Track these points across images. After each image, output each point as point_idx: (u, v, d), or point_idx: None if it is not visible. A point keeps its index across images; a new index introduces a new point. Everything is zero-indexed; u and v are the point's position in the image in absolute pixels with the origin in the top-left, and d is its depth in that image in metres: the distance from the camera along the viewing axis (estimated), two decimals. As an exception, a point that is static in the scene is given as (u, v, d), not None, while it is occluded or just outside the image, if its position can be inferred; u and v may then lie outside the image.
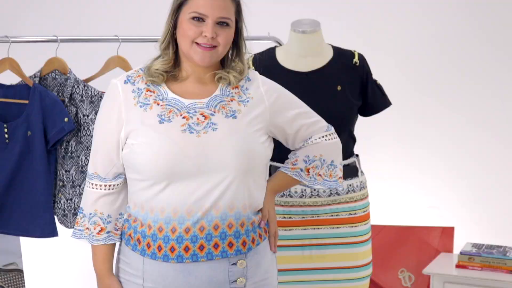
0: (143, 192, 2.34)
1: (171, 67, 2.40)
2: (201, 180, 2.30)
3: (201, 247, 2.32)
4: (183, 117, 2.34)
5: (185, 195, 2.30)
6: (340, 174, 2.58)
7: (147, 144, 2.31)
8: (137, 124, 2.34)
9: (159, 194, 2.31)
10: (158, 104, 2.36)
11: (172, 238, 2.31)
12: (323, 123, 2.56)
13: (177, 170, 2.29)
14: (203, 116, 2.35)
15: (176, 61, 2.41)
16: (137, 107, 2.36)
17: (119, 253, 2.48)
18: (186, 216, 2.30)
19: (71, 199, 3.24)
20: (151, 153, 2.29)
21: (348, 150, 3.04)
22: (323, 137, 2.54)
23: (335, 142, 2.56)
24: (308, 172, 2.53)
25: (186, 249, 2.32)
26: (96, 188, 2.44)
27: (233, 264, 2.36)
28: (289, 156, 2.56)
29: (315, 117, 2.55)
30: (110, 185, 2.43)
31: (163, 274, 2.34)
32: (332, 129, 2.57)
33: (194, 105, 2.37)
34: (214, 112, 2.36)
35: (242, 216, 2.35)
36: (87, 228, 2.45)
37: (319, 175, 2.54)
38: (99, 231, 2.44)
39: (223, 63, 2.44)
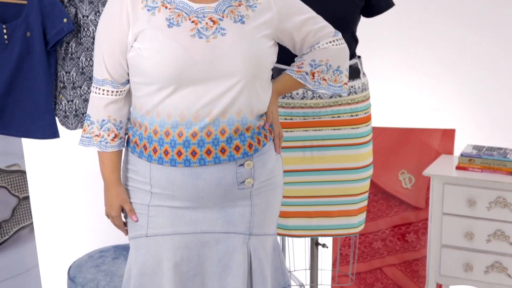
0: (149, 96, 2.33)
1: None
2: (209, 86, 2.29)
3: (208, 152, 2.33)
4: (192, 22, 2.31)
5: (193, 100, 2.30)
6: (346, 80, 2.57)
7: (155, 49, 2.28)
8: (144, 27, 2.31)
9: (166, 99, 2.30)
10: (166, 8, 2.32)
11: (179, 143, 2.32)
12: (330, 28, 2.53)
13: (185, 76, 2.27)
14: (212, 21, 2.32)
15: None
16: (145, 11, 2.32)
17: (125, 162, 2.49)
18: (193, 121, 2.30)
19: (72, 101, 3.23)
20: (159, 59, 2.27)
21: (350, 52, 3.01)
22: (330, 42, 2.52)
23: (343, 48, 2.55)
24: (313, 76, 2.52)
25: (193, 153, 2.33)
26: (107, 94, 2.41)
27: (241, 165, 2.38)
28: (295, 59, 2.55)
29: (322, 22, 2.52)
30: (120, 91, 2.42)
31: (170, 178, 2.35)
32: (340, 35, 2.55)
33: (203, 9, 2.33)
34: (223, 17, 2.33)
35: (248, 121, 2.37)
36: (96, 135, 2.44)
37: (324, 79, 2.53)
38: (114, 137, 2.44)
39: None
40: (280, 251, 2.61)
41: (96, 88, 2.42)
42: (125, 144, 2.47)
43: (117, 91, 2.41)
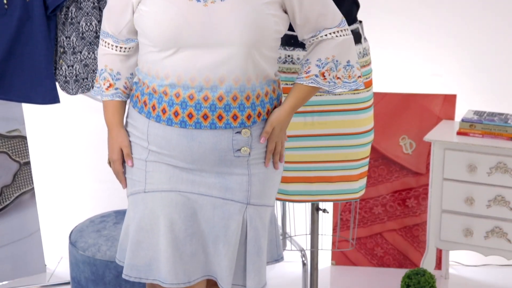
0: (150, 55, 2.37)
1: None
2: (207, 51, 2.29)
3: (205, 116, 2.33)
4: None
5: (190, 64, 2.31)
6: (359, 73, 2.51)
7: (153, 11, 2.32)
8: None
9: (164, 60, 2.33)
10: None
11: (176, 103, 2.33)
12: (338, 16, 2.45)
13: (181, 39, 2.29)
14: None
15: None
16: None
17: (127, 116, 2.52)
18: (190, 84, 2.31)
19: (72, 66, 3.23)
20: (157, 21, 2.31)
21: (351, 16, 2.99)
22: (334, 33, 2.44)
23: (348, 39, 2.47)
24: (324, 76, 2.45)
25: (190, 115, 2.34)
26: (108, 47, 2.49)
27: (237, 132, 2.38)
28: (301, 65, 2.49)
29: (331, 6, 2.43)
30: (122, 47, 2.48)
31: (166, 137, 2.37)
32: (345, 24, 2.47)
33: None
34: None
35: (247, 89, 2.35)
36: (97, 82, 2.55)
37: (338, 78, 2.47)
38: (108, 87, 2.50)
39: None
40: (276, 223, 2.60)
41: (101, 39, 2.51)
42: (129, 98, 2.51)
43: (117, 46, 2.48)
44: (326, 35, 2.43)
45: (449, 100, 3.85)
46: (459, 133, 3.64)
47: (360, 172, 3.14)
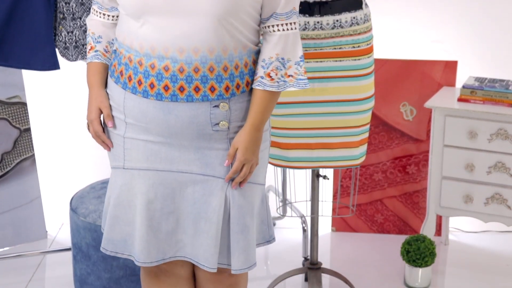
0: (126, 24, 2.35)
1: None
2: (177, 20, 2.24)
3: (181, 89, 2.29)
4: None
5: (162, 34, 2.26)
6: (303, 69, 2.38)
7: None
8: None
9: (138, 30, 2.30)
10: None
11: (152, 74, 2.30)
12: (291, 4, 2.32)
13: (147, 5, 2.25)
14: None
15: None
16: None
17: (106, 87, 2.48)
18: (164, 55, 2.27)
19: (72, 32, 3.21)
20: None
21: (352, -18, 2.98)
22: (278, 26, 2.32)
23: (291, 34, 2.34)
24: (270, 76, 2.33)
25: (166, 88, 2.29)
26: (94, 14, 2.49)
27: (215, 106, 2.32)
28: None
29: None
30: (105, 15, 2.46)
31: (143, 110, 2.33)
32: (295, 18, 2.34)
33: None
34: None
35: (223, 59, 2.29)
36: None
37: (289, 76, 2.36)
38: (89, 49, 2.48)
39: None
40: (267, 203, 2.54)
41: (92, 7, 2.52)
42: (109, 59, 2.48)
43: (101, 13, 2.47)
44: (270, 26, 2.33)
45: (450, 67, 3.84)
46: (459, 100, 3.64)
47: (360, 138, 3.14)
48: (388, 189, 4.03)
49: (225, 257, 2.45)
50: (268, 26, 2.34)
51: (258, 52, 2.38)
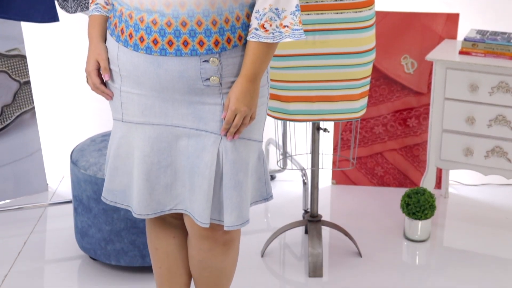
0: None
1: None
2: None
3: (170, 43, 2.28)
4: None
5: None
6: (299, 19, 2.33)
7: None
8: None
9: None
10: None
11: (142, 28, 2.29)
12: None
13: None
14: None
15: None
16: None
17: (104, 40, 2.47)
18: (152, 9, 2.26)
19: (70, -16, 3.19)
20: None
21: None
22: None
23: None
24: (264, 27, 2.29)
25: (155, 41, 2.28)
26: None
27: (205, 61, 2.30)
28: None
29: None
30: None
31: (134, 63, 2.33)
32: None
33: None
34: None
35: (211, 13, 2.27)
36: None
37: (284, 26, 2.31)
38: (91, 2, 2.47)
39: None
40: (264, 160, 2.51)
41: None
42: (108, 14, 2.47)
43: None
44: None
45: (452, 19, 3.82)
46: (461, 53, 3.62)
47: (361, 91, 3.14)
48: (388, 142, 4.03)
49: (219, 212, 2.44)
50: None
51: (252, 6, 2.34)
